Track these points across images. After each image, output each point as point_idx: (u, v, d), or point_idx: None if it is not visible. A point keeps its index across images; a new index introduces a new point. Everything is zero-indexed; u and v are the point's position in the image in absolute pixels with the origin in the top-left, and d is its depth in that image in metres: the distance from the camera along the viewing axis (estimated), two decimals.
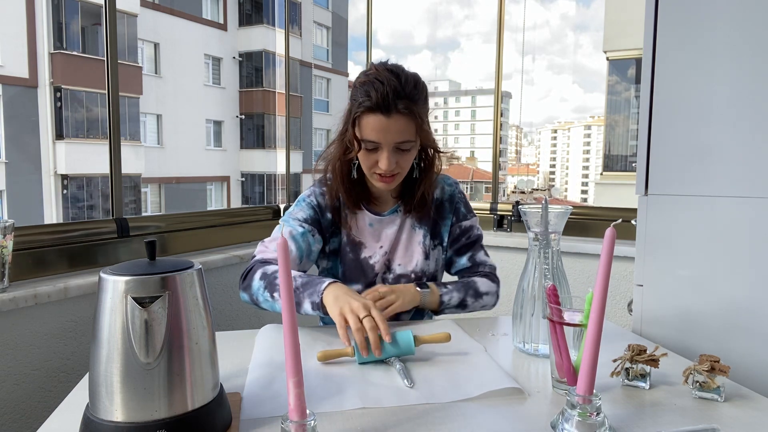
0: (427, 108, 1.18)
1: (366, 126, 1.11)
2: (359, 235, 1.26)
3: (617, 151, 11.89)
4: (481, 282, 1.27)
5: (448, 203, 1.33)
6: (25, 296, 1.24)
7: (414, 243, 1.28)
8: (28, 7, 12.00)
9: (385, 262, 1.26)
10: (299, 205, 1.26)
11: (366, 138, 1.12)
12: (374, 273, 1.26)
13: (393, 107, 1.09)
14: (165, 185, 15.46)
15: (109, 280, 0.64)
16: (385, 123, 1.10)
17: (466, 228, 1.33)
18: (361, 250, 1.26)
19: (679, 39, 1.14)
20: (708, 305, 1.12)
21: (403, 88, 1.10)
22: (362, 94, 1.11)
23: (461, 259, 1.33)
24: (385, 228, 1.27)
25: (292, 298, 0.64)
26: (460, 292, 1.23)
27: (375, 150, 1.14)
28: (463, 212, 1.34)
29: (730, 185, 1.09)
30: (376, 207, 1.29)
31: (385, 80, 1.09)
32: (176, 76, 15.26)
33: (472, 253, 1.33)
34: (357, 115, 1.12)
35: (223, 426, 0.70)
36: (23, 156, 12.35)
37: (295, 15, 15.76)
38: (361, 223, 1.27)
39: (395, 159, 1.14)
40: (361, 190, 1.26)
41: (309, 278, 1.09)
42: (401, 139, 1.12)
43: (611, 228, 0.69)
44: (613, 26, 10.35)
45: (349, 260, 1.26)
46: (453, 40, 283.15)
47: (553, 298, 0.85)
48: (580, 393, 0.69)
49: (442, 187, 1.33)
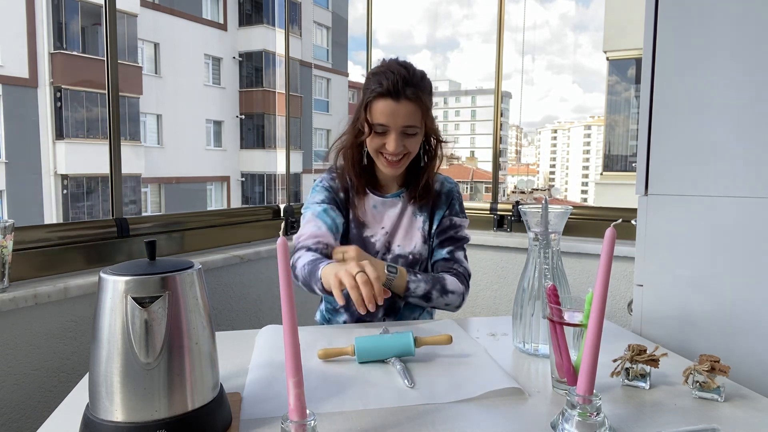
0: (431, 101, 1.29)
1: (376, 110, 1.22)
2: (363, 216, 1.34)
3: (617, 151, 11.90)
4: (450, 280, 1.28)
5: (445, 196, 1.39)
6: (25, 296, 1.24)
7: (414, 228, 1.35)
8: (28, 7, 11.99)
9: (385, 243, 1.33)
10: (314, 191, 1.36)
11: (376, 122, 1.22)
12: (375, 251, 1.31)
13: (402, 93, 1.20)
14: (165, 185, 15.46)
15: (109, 280, 0.64)
16: (394, 107, 1.20)
17: (455, 224, 1.37)
18: (364, 230, 1.33)
19: (679, 39, 1.14)
20: (708, 305, 1.12)
21: (411, 77, 1.22)
22: (374, 83, 1.22)
23: (441, 251, 1.35)
24: (388, 210, 1.35)
25: (292, 298, 0.64)
26: (427, 284, 1.24)
27: (384, 134, 1.23)
28: (456, 209, 1.39)
29: (730, 185, 1.09)
30: (380, 191, 1.37)
31: (395, 70, 1.21)
32: (176, 76, 15.26)
33: (453, 248, 1.35)
34: (369, 101, 1.23)
35: (223, 426, 0.70)
36: (23, 156, 12.35)
37: (295, 15, 15.77)
38: (366, 204, 1.35)
39: (402, 142, 1.23)
40: (369, 175, 1.35)
41: (312, 265, 1.16)
42: (408, 123, 1.22)
43: (611, 228, 0.69)
44: (613, 26, 10.35)
45: (352, 236, 1.33)
46: (452, 40, 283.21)
47: (553, 298, 0.85)
48: (580, 393, 0.69)
49: (443, 182, 1.41)
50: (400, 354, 0.95)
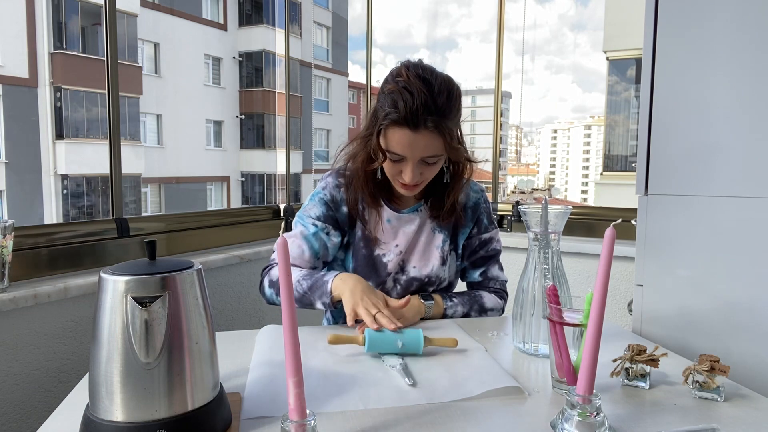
0: (459, 118, 1.12)
1: (392, 139, 1.07)
2: (375, 231, 1.22)
3: (617, 151, 11.89)
4: (488, 298, 1.26)
5: (471, 211, 1.27)
6: (25, 296, 1.24)
7: (432, 247, 1.24)
8: (28, 7, 11.99)
9: (399, 262, 1.23)
10: (312, 201, 1.23)
11: (391, 150, 1.09)
12: (387, 272, 1.22)
13: (422, 123, 1.04)
14: (165, 185, 15.46)
15: (109, 280, 0.64)
16: (411, 138, 1.05)
17: (485, 240, 1.29)
18: (375, 247, 1.22)
19: (679, 39, 1.14)
20: (708, 305, 1.12)
21: (434, 101, 1.04)
22: (390, 104, 1.06)
23: (474, 273, 1.31)
24: (404, 226, 1.23)
25: (292, 298, 0.64)
26: (464, 307, 1.22)
27: (400, 161, 1.10)
28: (485, 224, 1.29)
29: (730, 185, 1.09)
30: (396, 204, 1.25)
31: (415, 91, 1.03)
32: (176, 76, 15.25)
33: (486, 268, 1.30)
34: (383, 127, 1.08)
35: (223, 426, 0.70)
36: (23, 156, 12.34)
37: (295, 15, 15.76)
38: (378, 218, 1.22)
39: (420, 171, 1.10)
40: (382, 188, 1.21)
41: (313, 279, 1.12)
42: (428, 154, 1.08)
43: (611, 228, 0.69)
44: (613, 26, 10.35)
45: (361, 256, 1.22)
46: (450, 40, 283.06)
47: (553, 298, 0.85)
48: (580, 393, 0.69)
49: (468, 193, 1.28)
50: (407, 350, 0.96)
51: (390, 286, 1.24)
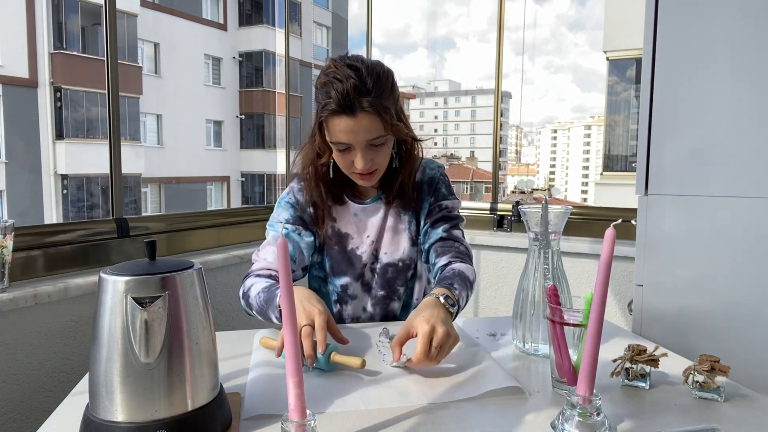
0: (395, 97, 1.12)
1: (334, 129, 1.08)
2: (344, 227, 1.23)
3: (617, 151, 11.89)
4: (467, 270, 1.17)
5: (427, 185, 1.26)
6: (25, 296, 1.24)
7: (400, 230, 1.25)
8: (28, 7, 11.99)
9: (372, 252, 1.24)
10: (279, 207, 1.24)
11: (335, 140, 1.09)
12: (362, 264, 1.23)
13: (357, 106, 1.04)
14: (165, 185, 15.46)
15: (109, 280, 0.64)
16: (351, 123, 1.05)
17: (446, 206, 1.26)
18: (348, 242, 1.23)
19: (679, 39, 1.14)
20: (708, 305, 1.12)
21: (364, 83, 1.05)
22: (324, 96, 1.07)
23: (436, 230, 1.23)
24: (370, 217, 1.24)
25: (292, 298, 0.64)
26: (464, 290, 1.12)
27: (348, 150, 1.10)
28: (443, 193, 1.27)
29: (730, 185, 1.09)
30: (359, 197, 1.26)
31: (344, 78, 1.04)
32: (176, 76, 15.25)
33: (448, 226, 1.24)
34: (322, 119, 1.09)
35: (223, 426, 0.70)
36: (23, 156, 12.35)
37: (295, 15, 15.77)
38: (345, 213, 1.24)
39: (370, 156, 1.10)
40: (341, 184, 1.22)
41: (269, 292, 1.07)
42: (371, 137, 1.08)
43: (611, 228, 0.69)
44: (612, 26, 10.35)
45: (335, 253, 1.23)
46: (448, 40, 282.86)
47: (553, 298, 0.85)
48: (580, 393, 0.69)
49: (424, 170, 1.28)
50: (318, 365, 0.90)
51: (369, 277, 1.24)
